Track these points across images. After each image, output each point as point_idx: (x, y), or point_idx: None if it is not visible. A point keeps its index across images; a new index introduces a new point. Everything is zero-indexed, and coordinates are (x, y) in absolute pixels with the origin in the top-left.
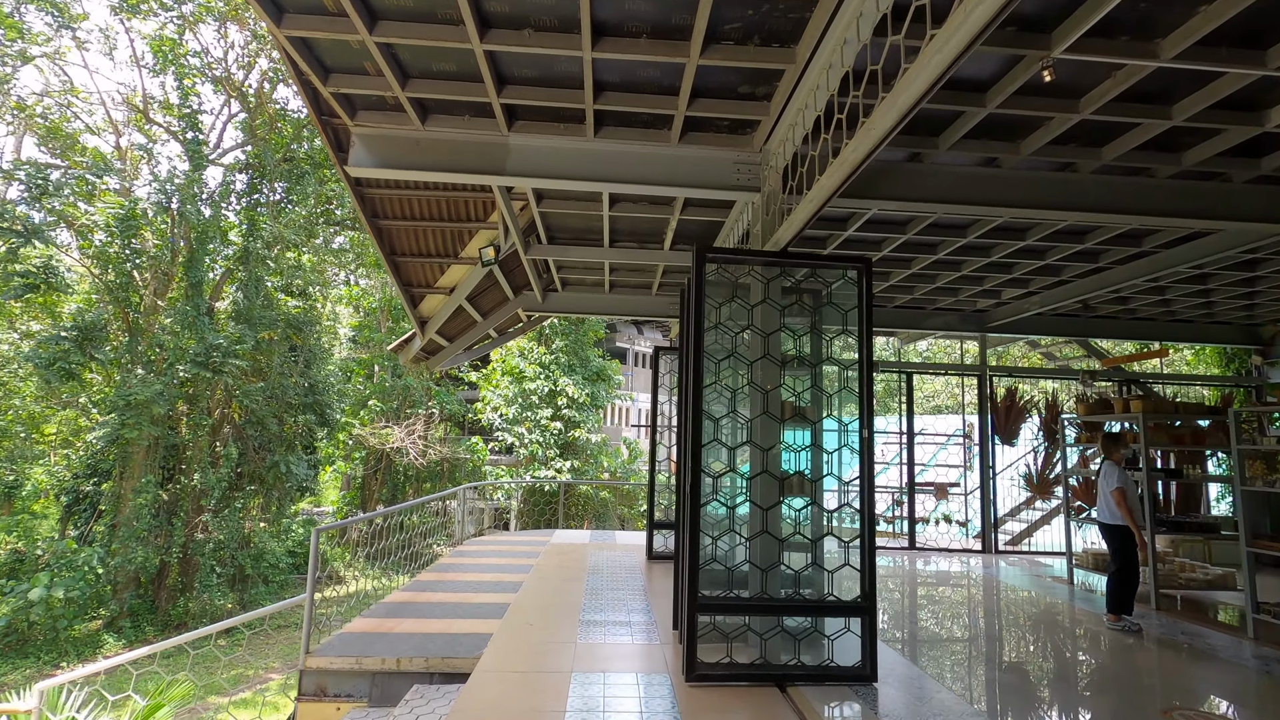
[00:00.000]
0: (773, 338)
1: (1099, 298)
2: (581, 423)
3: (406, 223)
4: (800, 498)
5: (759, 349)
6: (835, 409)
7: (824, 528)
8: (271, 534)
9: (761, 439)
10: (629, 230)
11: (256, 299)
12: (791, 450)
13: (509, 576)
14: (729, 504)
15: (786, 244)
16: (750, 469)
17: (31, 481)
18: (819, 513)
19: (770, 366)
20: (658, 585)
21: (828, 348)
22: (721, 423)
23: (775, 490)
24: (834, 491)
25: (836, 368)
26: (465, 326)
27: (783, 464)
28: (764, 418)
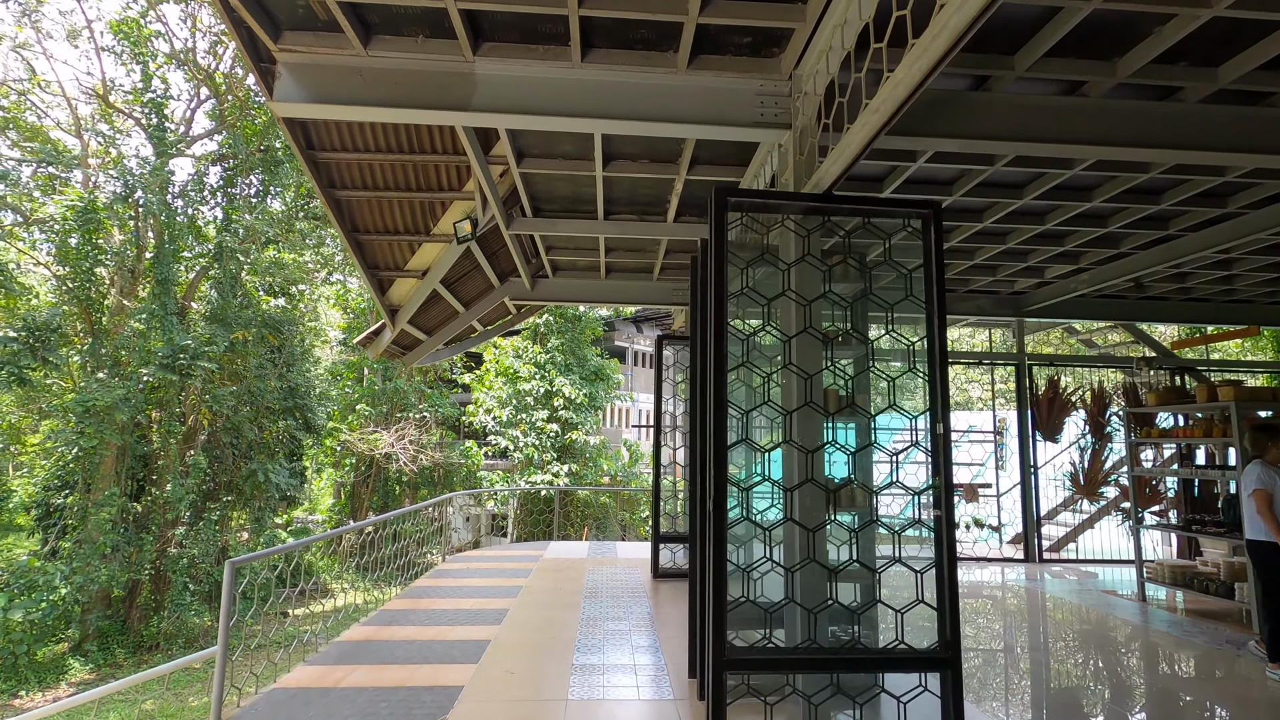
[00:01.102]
0: (814, 308)
1: (1156, 275)
2: (579, 424)
3: (369, 193)
4: (854, 513)
5: (796, 322)
6: (897, 398)
7: (888, 553)
8: (250, 547)
9: (803, 438)
10: (627, 198)
11: (233, 298)
12: (842, 452)
13: (493, 602)
14: (762, 524)
15: (830, 186)
16: (786, 477)
17: (18, 494)
18: (881, 534)
19: (810, 345)
20: (667, 611)
21: (885, 320)
22: (750, 418)
23: (821, 505)
24: (899, 505)
25: (897, 345)
26: (445, 318)
27: (829, 470)
28: (805, 410)
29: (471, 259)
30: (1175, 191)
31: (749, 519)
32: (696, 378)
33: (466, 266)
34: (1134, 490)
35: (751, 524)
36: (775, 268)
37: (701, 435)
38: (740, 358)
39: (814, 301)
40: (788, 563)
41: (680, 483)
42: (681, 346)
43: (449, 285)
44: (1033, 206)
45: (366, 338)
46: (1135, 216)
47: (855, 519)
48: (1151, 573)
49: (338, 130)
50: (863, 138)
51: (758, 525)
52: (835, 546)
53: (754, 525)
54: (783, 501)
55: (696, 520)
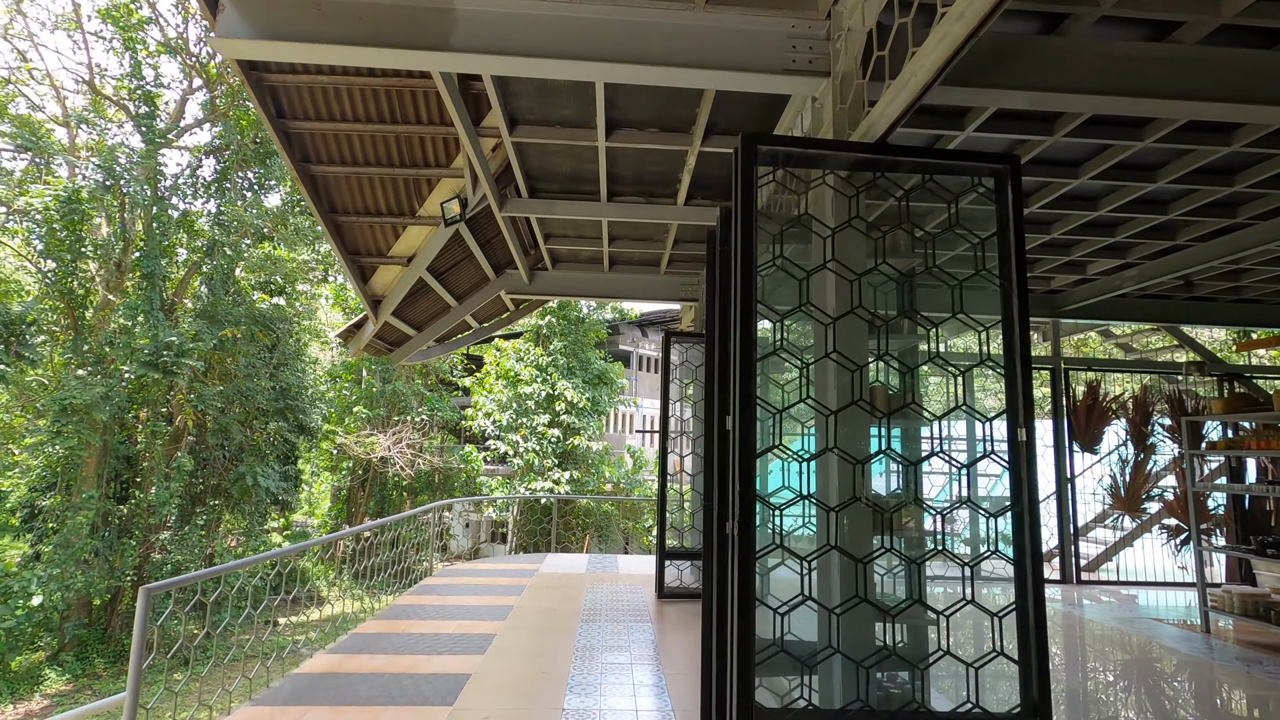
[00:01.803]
0: (861, 286)
1: (1210, 272)
2: (582, 430)
3: (348, 169)
4: (902, 537)
5: (839, 301)
6: (963, 398)
7: (956, 590)
8: (237, 553)
9: (847, 445)
10: (633, 176)
11: (224, 294)
12: (899, 463)
13: (479, 625)
14: (798, 553)
15: (885, 133)
16: (822, 491)
17: (14, 495)
18: (947, 567)
19: (856, 331)
20: (673, 640)
21: (952, 301)
22: (780, 420)
23: (871, 529)
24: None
25: (966, 332)
26: (436, 312)
27: (876, 485)
28: (850, 412)
29: (463, 246)
30: (1254, 171)
31: (782, 546)
32: (714, 373)
33: (457, 255)
34: (1194, 507)
35: (785, 550)
36: (806, 243)
37: (719, 441)
38: (768, 347)
39: (863, 276)
40: (829, 599)
41: (687, 490)
42: (691, 344)
43: (438, 275)
44: (1087, 188)
45: (347, 331)
46: (1201, 201)
47: (903, 544)
48: (1217, 601)
49: (311, 96)
50: (937, 59)
51: (793, 554)
52: (883, 577)
53: (787, 552)
54: (818, 522)
55: (712, 542)
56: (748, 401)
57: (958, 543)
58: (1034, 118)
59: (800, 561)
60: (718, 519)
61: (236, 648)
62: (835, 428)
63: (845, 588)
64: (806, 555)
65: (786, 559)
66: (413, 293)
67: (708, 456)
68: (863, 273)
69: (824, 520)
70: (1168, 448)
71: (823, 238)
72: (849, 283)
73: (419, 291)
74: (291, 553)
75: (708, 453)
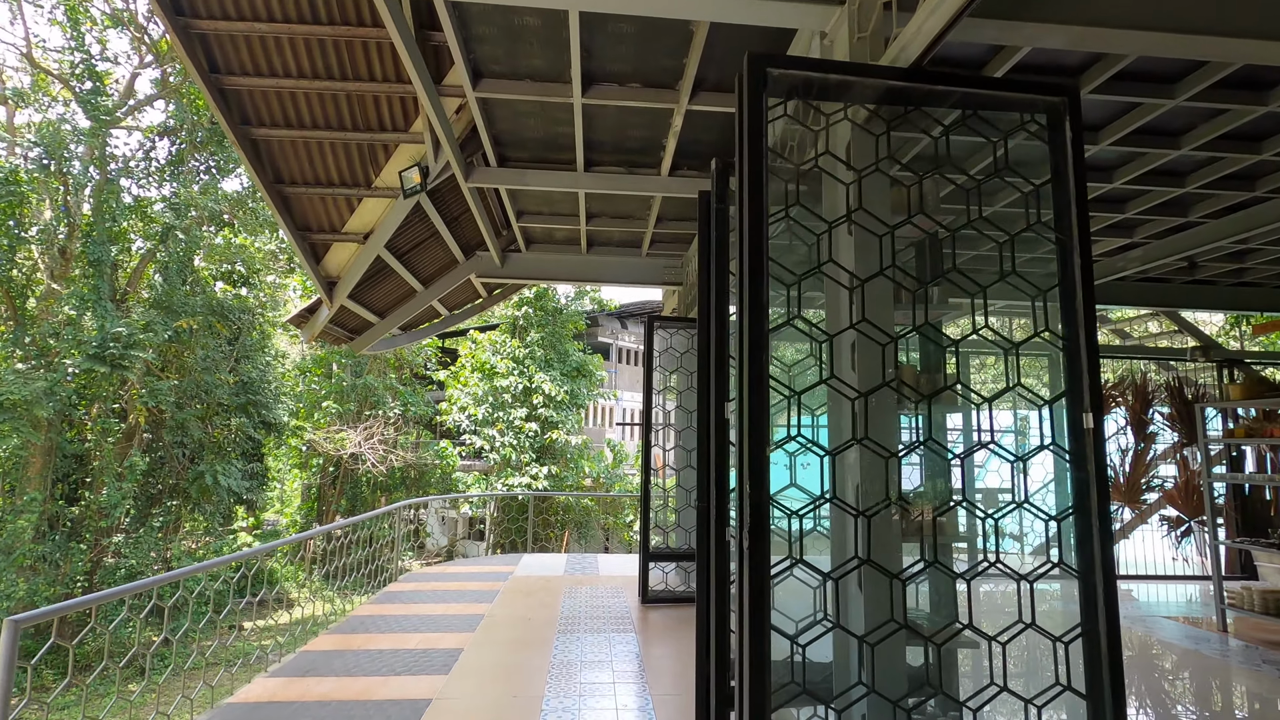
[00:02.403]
0: (891, 243)
1: (1217, 252)
2: (560, 423)
3: (294, 133)
4: (945, 545)
5: (863, 262)
6: (1012, 378)
7: (1009, 610)
8: (196, 557)
9: (876, 435)
10: (612, 142)
11: (181, 284)
12: (933, 456)
13: (444, 639)
14: (819, 570)
15: (920, 57)
16: (841, 490)
17: None
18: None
19: (882, 297)
20: (660, 653)
21: (1002, 260)
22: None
23: (898, 536)
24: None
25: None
26: (401, 297)
27: (907, 482)
28: (877, 396)
29: (426, 224)
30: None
31: (802, 562)
32: (710, 353)
33: (421, 233)
34: (1208, 498)
35: (805, 566)
36: (815, 202)
37: (716, 431)
38: (776, 318)
39: (897, 229)
40: (853, 620)
41: (670, 483)
42: (676, 330)
43: (400, 255)
44: (1103, 157)
45: (299, 316)
46: (1220, 173)
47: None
48: (1235, 598)
49: (248, 47)
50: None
51: (813, 570)
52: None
53: (807, 568)
54: (834, 528)
55: (708, 549)
56: (758, 383)
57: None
58: (1058, 70)
59: (821, 578)
60: (715, 524)
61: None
62: (864, 414)
63: (875, 609)
64: (832, 572)
65: (802, 572)
66: (373, 275)
67: (701, 450)
68: (896, 224)
69: (843, 526)
70: (1168, 436)
71: (846, 184)
72: (877, 239)
73: (380, 273)
74: (245, 557)
75: (701, 446)
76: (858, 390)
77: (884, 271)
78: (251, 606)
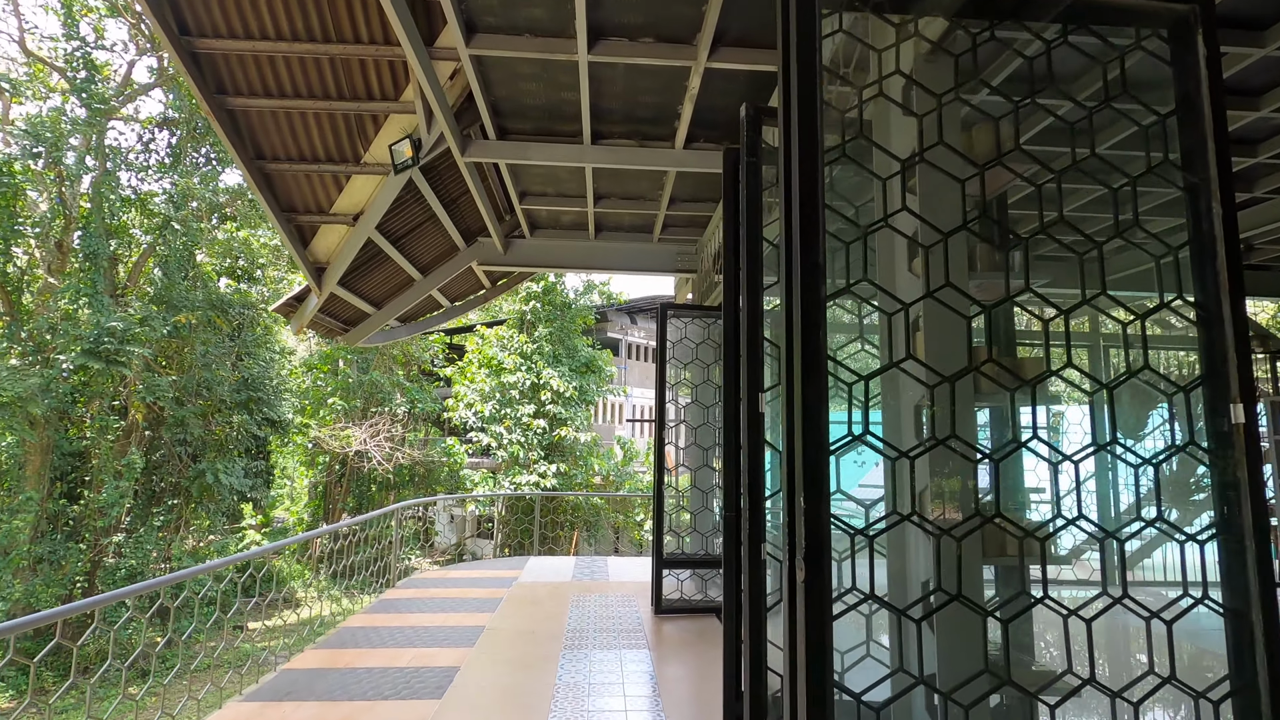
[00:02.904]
0: (963, 191)
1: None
2: (568, 420)
3: (274, 102)
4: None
5: (942, 212)
6: (1135, 361)
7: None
8: (199, 555)
9: (962, 430)
10: (622, 110)
11: (182, 278)
12: (1047, 460)
13: (440, 655)
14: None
15: None
16: (897, 500)
17: None
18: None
19: (955, 261)
20: (676, 676)
21: (1115, 209)
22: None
23: (978, 559)
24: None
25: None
26: (398, 286)
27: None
28: (966, 383)
29: (422, 205)
30: None
31: (876, 599)
32: (737, 330)
33: (417, 216)
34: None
35: (880, 603)
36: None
37: (750, 427)
38: (838, 278)
39: (988, 169)
40: (940, 675)
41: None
42: (691, 319)
43: (395, 241)
44: None
45: (286, 305)
46: None
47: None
48: None
49: (220, 4)
50: None
51: (889, 608)
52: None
53: (884, 605)
54: (889, 547)
55: (738, 567)
56: (814, 366)
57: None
58: None
59: (897, 617)
60: (749, 540)
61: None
62: (950, 408)
63: (956, 652)
64: (913, 606)
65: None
66: (366, 261)
67: (728, 449)
68: (985, 165)
69: (905, 546)
70: None
71: (919, 115)
72: (958, 185)
73: (374, 259)
74: (245, 558)
75: (728, 444)
76: (941, 375)
77: (968, 225)
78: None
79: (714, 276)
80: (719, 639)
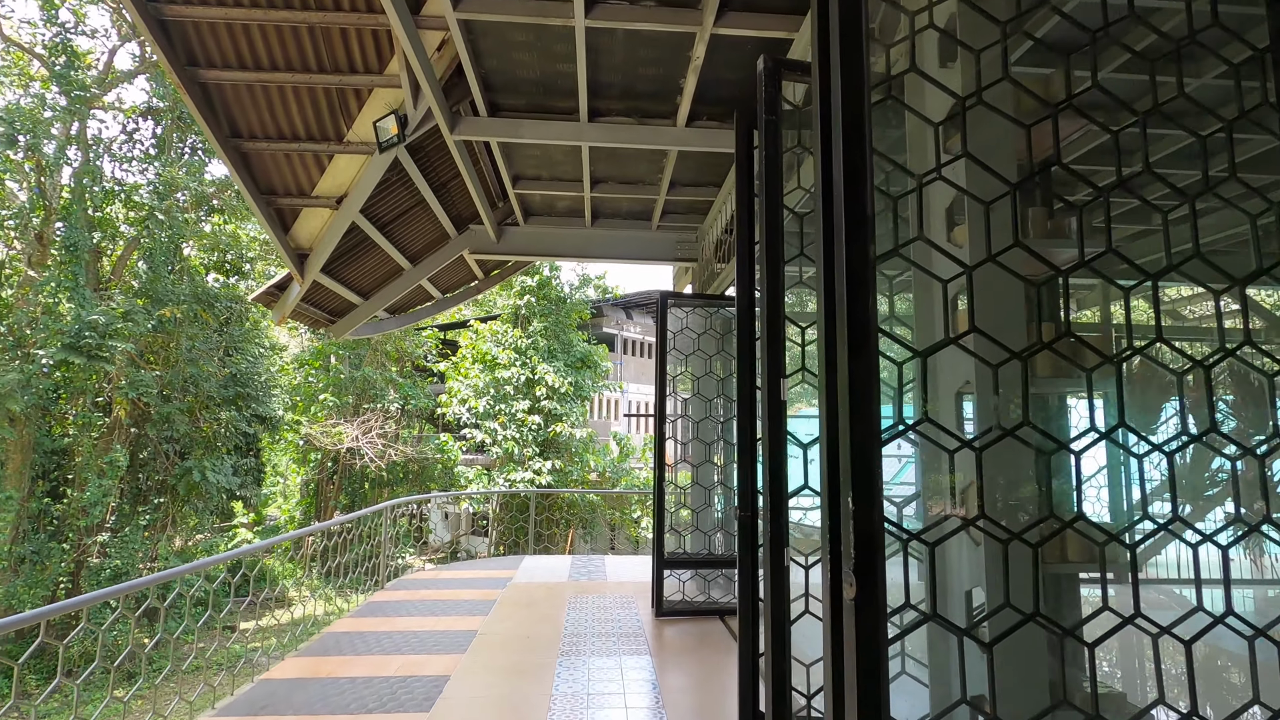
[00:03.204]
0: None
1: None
2: (564, 416)
3: (249, 75)
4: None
5: (991, 169)
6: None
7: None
8: (186, 555)
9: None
10: (620, 85)
11: (168, 271)
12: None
13: (429, 664)
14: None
15: None
16: (978, 504)
17: None
18: None
19: (1003, 223)
20: (679, 685)
21: (1204, 155)
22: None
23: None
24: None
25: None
26: (386, 274)
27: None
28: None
29: (411, 189)
30: None
31: (941, 619)
32: (750, 309)
33: (405, 201)
34: None
35: (948, 626)
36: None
37: (770, 417)
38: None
39: (1061, 110)
40: (997, 702)
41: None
42: (692, 309)
43: (383, 227)
44: None
45: (267, 293)
46: None
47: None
48: None
49: None
50: None
51: (956, 630)
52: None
53: (953, 629)
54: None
55: (754, 578)
56: (861, 341)
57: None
58: None
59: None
60: (771, 543)
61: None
62: (1024, 390)
63: (1024, 679)
64: (982, 628)
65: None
66: (352, 248)
67: (743, 441)
68: (1059, 104)
69: (960, 554)
70: None
71: (975, 51)
72: (1018, 135)
73: (360, 246)
74: (231, 557)
75: (743, 436)
76: (1011, 351)
77: (1034, 177)
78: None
79: (715, 265)
80: (724, 643)
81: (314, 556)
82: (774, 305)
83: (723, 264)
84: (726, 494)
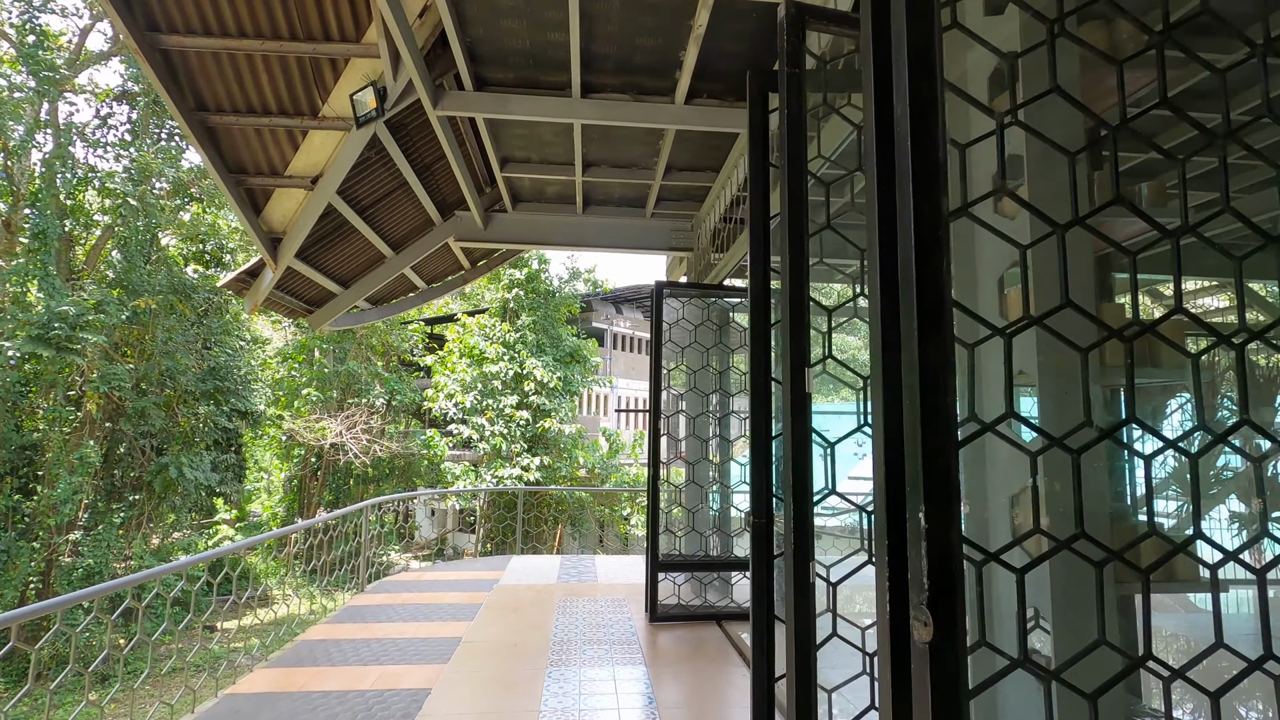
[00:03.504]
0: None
1: None
2: (553, 411)
3: (215, 41)
4: None
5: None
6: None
7: None
8: (163, 553)
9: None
10: (616, 56)
11: (144, 261)
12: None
13: (409, 675)
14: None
15: None
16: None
17: None
18: None
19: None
20: (675, 699)
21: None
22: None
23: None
24: None
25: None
26: (367, 262)
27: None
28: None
29: (392, 171)
30: None
31: (1035, 665)
32: (763, 286)
33: (387, 184)
34: None
35: (1042, 673)
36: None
37: (794, 412)
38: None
39: (1165, 40)
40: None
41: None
42: (689, 299)
43: (363, 211)
44: None
45: (238, 280)
46: None
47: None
48: None
49: None
50: None
51: (1054, 677)
52: None
53: (1050, 678)
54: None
55: (766, 587)
56: (935, 306)
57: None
58: None
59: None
60: (795, 556)
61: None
62: (1131, 380)
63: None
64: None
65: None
66: (331, 232)
67: (755, 439)
68: (1161, 31)
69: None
70: None
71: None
72: (1116, 67)
73: (338, 231)
74: (209, 557)
75: (756, 434)
76: (1111, 329)
77: (1129, 123)
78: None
79: (712, 255)
80: (722, 652)
81: (297, 555)
82: (797, 284)
83: (720, 253)
84: (724, 492)
